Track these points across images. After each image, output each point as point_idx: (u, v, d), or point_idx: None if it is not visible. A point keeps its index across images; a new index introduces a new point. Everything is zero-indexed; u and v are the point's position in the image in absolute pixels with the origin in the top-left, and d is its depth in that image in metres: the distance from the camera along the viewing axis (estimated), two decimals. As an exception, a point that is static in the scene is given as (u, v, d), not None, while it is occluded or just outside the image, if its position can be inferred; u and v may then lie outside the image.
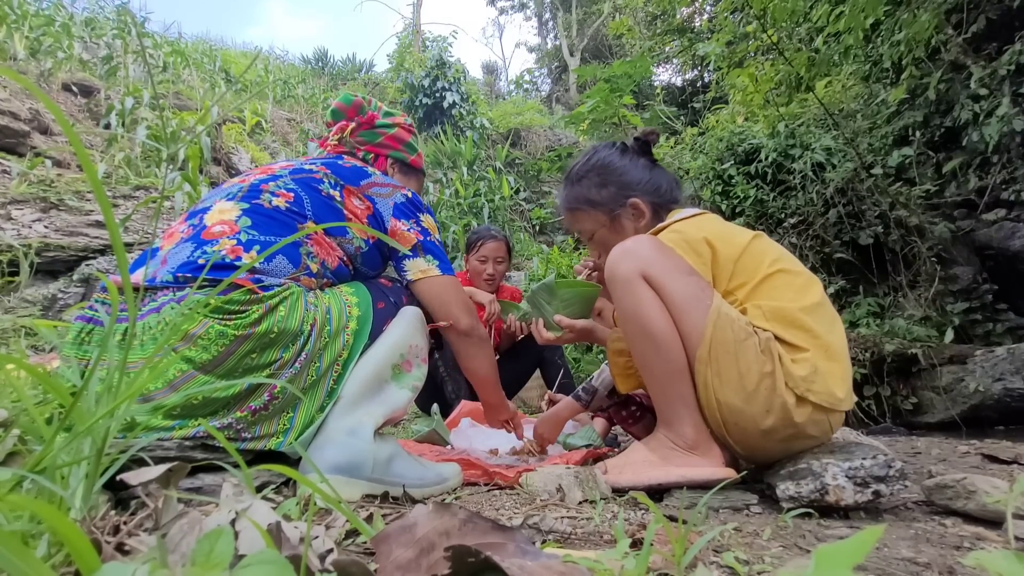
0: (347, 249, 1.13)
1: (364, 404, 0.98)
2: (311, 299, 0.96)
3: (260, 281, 0.91)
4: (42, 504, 0.34)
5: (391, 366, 1.04)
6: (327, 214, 1.07)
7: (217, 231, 0.95)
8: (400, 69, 9.25)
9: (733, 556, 0.59)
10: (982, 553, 0.42)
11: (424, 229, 1.18)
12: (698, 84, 9.00)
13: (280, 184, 1.06)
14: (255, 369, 0.88)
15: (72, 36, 5.65)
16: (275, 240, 0.97)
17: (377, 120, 1.34)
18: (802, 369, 0.93)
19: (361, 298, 1.05)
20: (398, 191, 1.18)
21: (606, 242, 1.25)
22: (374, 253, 1.18)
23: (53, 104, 0.41)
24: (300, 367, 0.92)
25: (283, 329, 0.89)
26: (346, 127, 1.31)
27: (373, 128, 1.33)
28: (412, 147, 1.39)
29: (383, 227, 1.16)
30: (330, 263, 1.09)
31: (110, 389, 0.55)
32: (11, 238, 2.70)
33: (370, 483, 0.90)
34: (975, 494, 0.82)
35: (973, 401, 2.60)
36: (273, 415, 0.90)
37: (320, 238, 1.07)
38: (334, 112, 1.34)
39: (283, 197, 1.04)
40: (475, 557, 0.39)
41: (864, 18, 3.40)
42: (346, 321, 1.00)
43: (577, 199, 1.29)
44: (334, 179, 1.12)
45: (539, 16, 18.26)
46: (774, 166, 3.86)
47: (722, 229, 1.11)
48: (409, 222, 1.17)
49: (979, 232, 3.49)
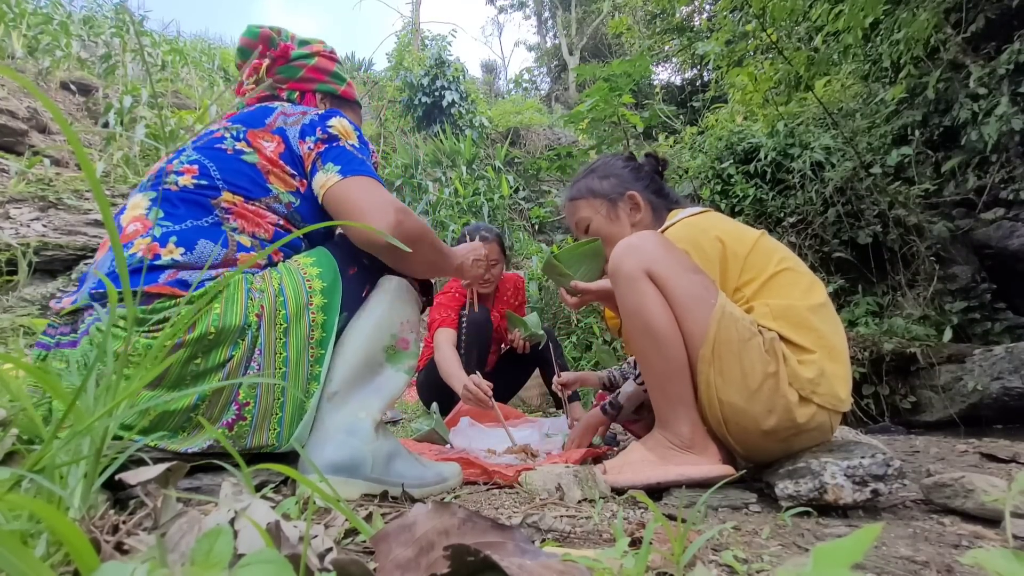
0: (277, 210, 0.96)
1: (358, 394, 0.93)
2: (257, 284, 0.86)
3: (184, 282, 0.82)
4: (41, 503, 0.34)
5: (383, 348, 0.96)
6: (239, 175, 0.93)
7: (131, 231, 0.85)
8: (399, 68, 9.23)
9: (732, 555, 0.59)
10: (980, 551, 0.42)
11: (331, 136, 0.98)
12: (697, 83, 9.00)
13: (183, 159, 0.93)
14: (206, 374, 0.80)
15: (70, 34, 5.64)
16: (191, 227, 0.86)
17: (292, 51, 1.16)
18: (809, 371, 0.94)
19: (324, 267, 0.92)
20: (309, 114, 1.01)
21: (601, 232, 1.28)
22: (309, 203, 1.00)
23: (51, 103, 0.41)
24: (260, 365, 0.83)
25: (222, 327, 0.80)
26: (260, 65, 1.14)
27: (290, 62, 1.16)
28: (339, 76, 1.22)
29: (297, 160, 0.98)
30: (263, 233, 0.93)
31: (108, 389, 0.55)
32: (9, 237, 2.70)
33: (369, 483, 0.89)
34: (973, 493, 0.83)
35: (971, 400, 2.61)
36: (261, 422, 0.85)
37: (241, 208, 0.92)
38: (241, 51, 1.16)
39: (188, 173, 0.91)
40: (474, 556, 0.39)
41: (863, 17, 3.40)
42: (307, 298, 0.88)
43: (580, 189, 1.33)
44: (235, 128, 0.97)
45: (538, 15, 18.23)
46: (773, 165, 3.86)
47: (730, 226, 1.12)
48: (313, 136, 0.98)
49: (978, 231, 3.50)
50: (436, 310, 2.16)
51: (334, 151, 0.96)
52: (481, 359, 2.13)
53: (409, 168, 6.74)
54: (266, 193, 0.95)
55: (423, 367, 2.30)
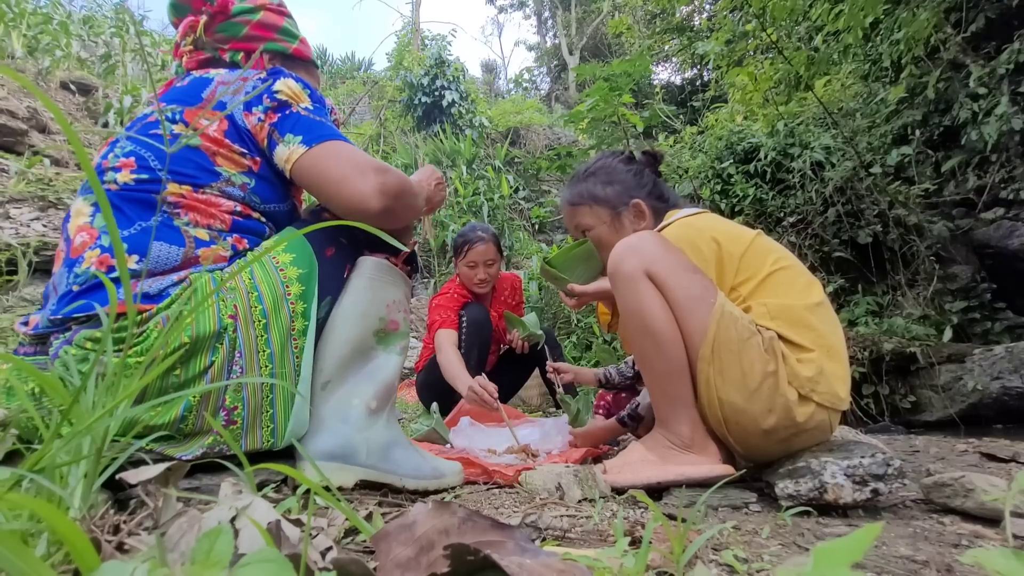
0: (231, 194, 0.87)
1: (351, 381, 0.91)
2: (228, 282, 0.80)
3: (146, 295, 0.76)
4: (41, 503, 0.34)
5: (372, 333, 0.92)
6: (181, 162, 0.84)
7: (79, 243, 0.78)
8: (399, 68, 9.22)
9: (732, 554, 0.60)
10: (980, 551, 0.42)
11: (280, 103, 0.89)
12: (697, 83, 9.00)
13: (118, 151, 0.84)
14: (187, 384, 0.76)
15: (70, 34, 5.63)
16: (141, 230, 0.79)
17: (232, 5, 1.02)
18: (808, 370, 0.94)
19: (298, 252, 0.86)
20: (250, 79, 0.90)
21: (603, 240, 1.27)
22: (266, 181, 0.91)
23: (51, 103, 0.41)
24: (242, 368, 0.79)
25: (197, 335, 0.76)
26: (197, 23, 1.00)
27: (230, 18, 1.01)
28: (290, 33, 1.08)
29: (246, 135, 0.89)
30: (219, 224, 0.85)
31: (108, 389, 0.55)
32: (9, 237, 2.70)
33: (365, 469, 0.87)
34: (973, 492, 0.83)
35: (971, 399, 2.61)
36: (252, 424, 0.82)
37: (191, 200, 0.83)
38: (175, 6, 1.01)
39: (125, 167, 0.83)
40: (474, 555, 0.39)
41: (863, 17, 3.40)
42: (283, 289, 0.83)
43: (581, 194, 1.30)
44: (170, 110, 0.87)
45: (538, 14, 18.23)
46: (773, 165, 3.86)
47: (726, 226, 1.12)
48: (259, 107, 0.88)
49: (978, 231, 3.50)
50: (435, 311, 2.15)
51: (290, 120, 0.88)
52: (481, 359, 2.13)
53: (409, 168, 6.75)
54: (215, 178, 0.86)
55: (423, 367, 2.30)
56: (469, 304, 2.19)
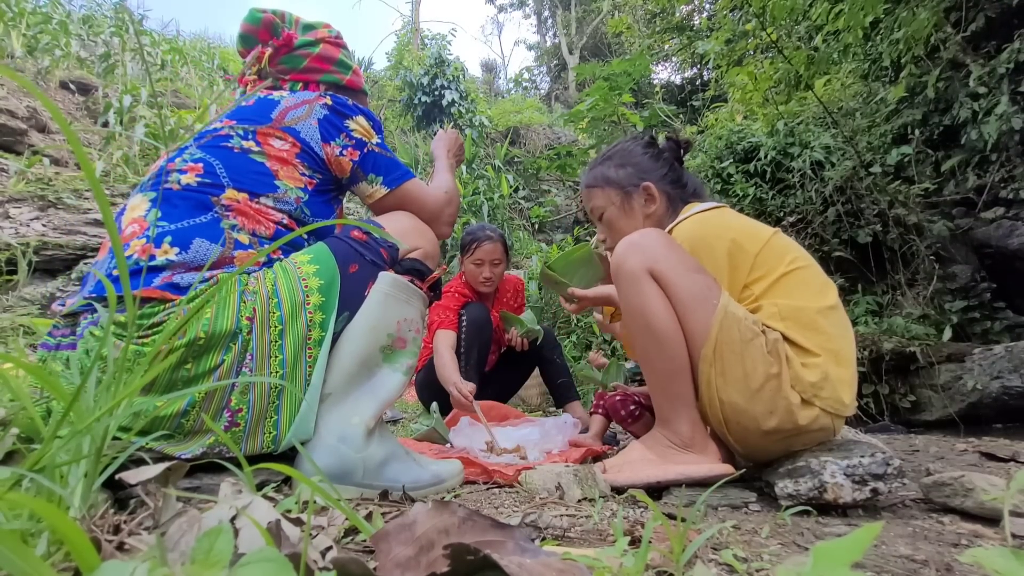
0: (285, 205, 0.95)
1: (353, 397, 0.91)
2: (251, 285, 0.84)
3: (176, 286, 0.80)
4: (41, 502, 0.34)
5: (379, 348, 0.93)
6: (246, 174, 0.92)
7: (129, 233, 0.84)
8: (399, 67, 9.22)
9: (732, 554, 0.60)
10: (979, 550, 0.42)
11: (359, 141, 1.02)
12: (697, 82, 9.00)
13: (187, 157, 0.92)
14: (196, 379, 0.78)
15: (70, 34, 5.63)
16: (188, 226, 0.84)
17: (296, 40, 1.12)
18: (812, 375, 0.93)
19: (323, 264, 0.90)
20: (315, 104, 1.01)
21: (614, 223, 1.25)
22: (320, 197, 1.01)
23: (51, 102, 0.41)
24: (251, 370, 0.81)
25: (213, 332, 0.78)
26: (263, 55, 1.10)
27: (293, 51, 1.11)
28: (345, 64, 1.17)
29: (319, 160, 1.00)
30: (263, 231, 0.91)
31: (108, 388, 0.55)
32: (9, 236, 2.69)
33: (360, 488, 0.87)
34: (973, 492, 0.83)
35: (971, 399, 2.61)
36: (255, 427, 0.83)
37: (244, 205, 0.90)
38: (244, 38, 1.11)
39: (192, 171, 0.89)
40: (474, 555, 0.39)
41: (863, 16, 3.40)
42: (303, 297, 0.86)
43: (596, 176, 1.29)
44: (241, 128, 0.95)
45: (538, 14, 18.23)
46: (773, 164, 3.86)
47: (742, 223, 1.10)
48: (338, 140, 1.01)
49: (978, 230, 3.50)
50: (435, 311, 2.15)
51: (369, 159, 1.04)
52: (481, 359, 2.13)
53: (409, 167, 6.74)
54: (274, 190, 0.94)
55: (422, 367, 2.30)
56: (470, 304, 2.18)
